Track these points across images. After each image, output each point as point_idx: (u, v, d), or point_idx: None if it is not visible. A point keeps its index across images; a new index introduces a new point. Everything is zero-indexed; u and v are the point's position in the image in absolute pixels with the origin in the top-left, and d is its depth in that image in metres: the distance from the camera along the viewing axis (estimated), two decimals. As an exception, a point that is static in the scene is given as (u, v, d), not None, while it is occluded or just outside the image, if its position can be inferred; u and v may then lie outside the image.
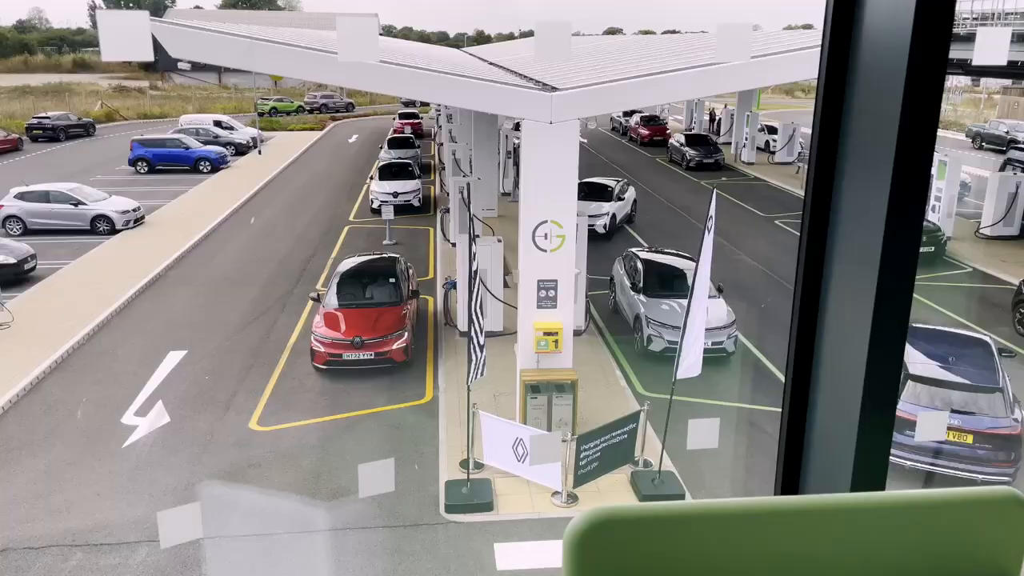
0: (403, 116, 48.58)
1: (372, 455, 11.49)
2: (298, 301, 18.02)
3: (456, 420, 12.38)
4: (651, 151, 41.59)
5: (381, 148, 36.73)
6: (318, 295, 15.77)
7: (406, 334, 14.34)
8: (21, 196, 23.90)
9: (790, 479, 1.50)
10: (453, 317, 16.50)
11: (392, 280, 15.64)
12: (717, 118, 46.54)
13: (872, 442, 1.34)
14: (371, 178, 30.69)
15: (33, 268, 19.55)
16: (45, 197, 23.95)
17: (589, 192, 23.06)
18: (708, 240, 10.18)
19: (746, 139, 37.23)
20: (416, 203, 27.16)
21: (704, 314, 10.63)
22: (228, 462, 11.34)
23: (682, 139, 37.15)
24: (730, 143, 40.37)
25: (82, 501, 10.31)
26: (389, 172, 28.22)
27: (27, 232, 23.35)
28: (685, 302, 10.85)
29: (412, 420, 12.59)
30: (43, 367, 14.19)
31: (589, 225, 21.16)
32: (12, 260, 18.81)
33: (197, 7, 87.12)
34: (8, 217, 23.55)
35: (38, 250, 20.22)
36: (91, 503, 10.27)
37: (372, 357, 14.00)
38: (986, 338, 12.03)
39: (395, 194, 26.46)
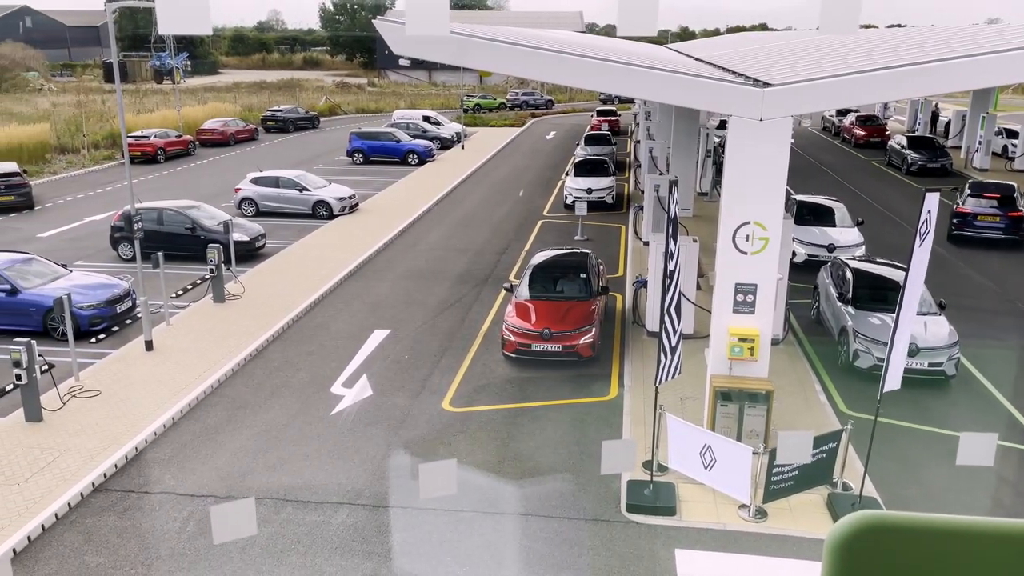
0: (601, 113, 48.70)
1: (556, 446, 11.63)
2: (492, 290, 18.63)
3: (640, 420, 12.23)
4: (866, 153, 38.73)
5: (578, 144, 37.05)
6: (511, 285, 16.19)
7: (594, 329, 14.35)
8: (255, 181, 26.60)
9: None
10: (641, 316, 16.30)
11: (583, 275, 15.72)
12: (946, 119, 42.39)
13: None
14: (566, 174, 31.04)
15: (263, 246, 21.71)
16: (275, 182, 26.48)
17: (811, 215, 20.24)
18: (920, 246, 9.31)
19: (979, 143, 33.59)
20: (609, 200, 27.13)
21: (910, 325, 9.75)
22: (421, 438, 11.95)
23: (903, 141, 34.22)
24: (959, 147, 36.64)
25: (293, 460, 11.30)
26: (584, 168, 28.41)
27: (259, 213, 25.97)
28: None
29: (596, 415, 12.59)
30: (267, 335, 15.71)
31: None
32: (246, 238, 20.98)
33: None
34: (244, 199, 26.31)
35: (266, 230, 22.42)
36: (301, 463, 11.22)
37: (559, 350, 14.15)
38: None
39: (589, 190, 26.58)
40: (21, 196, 27.29)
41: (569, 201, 26.23)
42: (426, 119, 44.91)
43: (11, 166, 28.47)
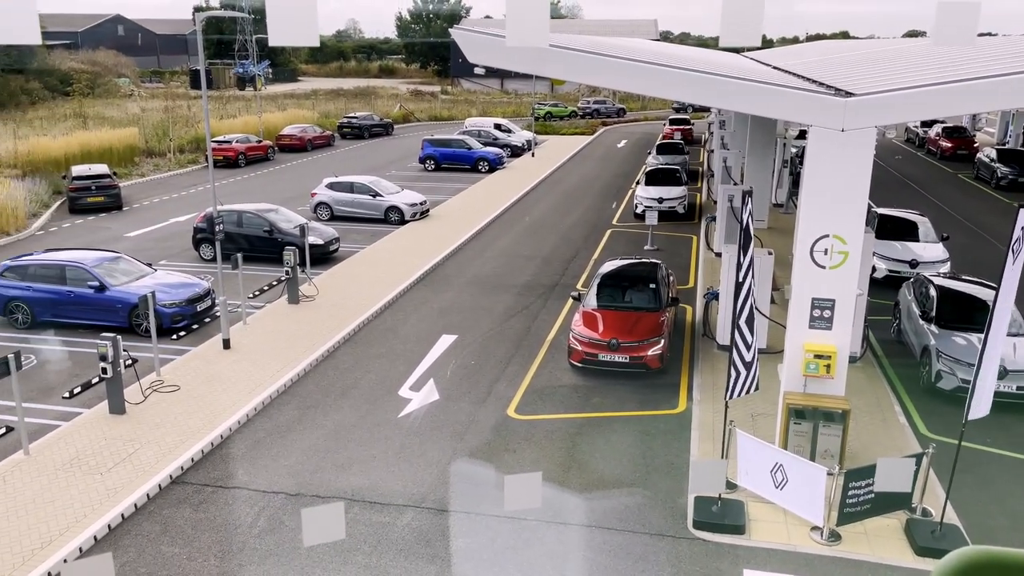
0: (673, 122, 48.13)
1: (622, 457, 11.49)
2: (559, 298, 18.58)
3: (709, 435, 11.99)
4: (953, 166, 37.22)
5: (649, 153, 36.72)
6: (578, 294, 16.10)
7: (662, 341, 14.15)
8: (331, 186, 27.23)
9: None
10: (712, 329, 16.00)
11: (652, 286, 15.52)
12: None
13: None
14: (637, 183, 30.77)
15: (336, 250, 22.19)
16: (350, 188, 27.05)
17: (893, 229, 19.60)
18: (1013, 264, 8.86)
19: (1077, 156, 31.90)
20: (681, 210, 26.78)
21: (1000, 348, 9.28)
22: (486, 444, 11.98)
23: (993, 154, 32.77)
24: (1055, 160, 34.81)
25: (361, 461, 11.47)
26: (656, 178, 28.12)
27: (333, 218, 26.56)
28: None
29: (663, 428, 12.40)
30: (339, 337, 16.03)
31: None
32: (320, 241, 21.48)
33: (487, 16, 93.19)
34: (320, 204, 26.95)
35: (340, 234, 22.90)
36: (368, 464, 11.39)
37: (627, 360, 14.00)
38: None
39: (660, 200, 26.29)
40: (111, 197, 28.62)
41: (639, 210, 25.98)
42: (497, 127, 45.20)
43: (102, 168, 29.89)
